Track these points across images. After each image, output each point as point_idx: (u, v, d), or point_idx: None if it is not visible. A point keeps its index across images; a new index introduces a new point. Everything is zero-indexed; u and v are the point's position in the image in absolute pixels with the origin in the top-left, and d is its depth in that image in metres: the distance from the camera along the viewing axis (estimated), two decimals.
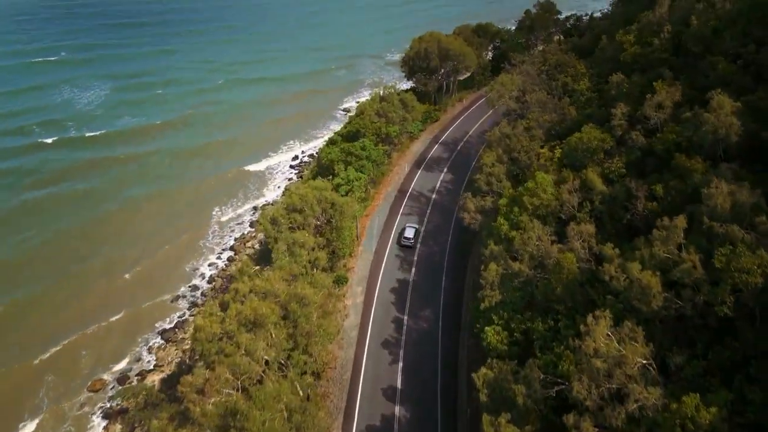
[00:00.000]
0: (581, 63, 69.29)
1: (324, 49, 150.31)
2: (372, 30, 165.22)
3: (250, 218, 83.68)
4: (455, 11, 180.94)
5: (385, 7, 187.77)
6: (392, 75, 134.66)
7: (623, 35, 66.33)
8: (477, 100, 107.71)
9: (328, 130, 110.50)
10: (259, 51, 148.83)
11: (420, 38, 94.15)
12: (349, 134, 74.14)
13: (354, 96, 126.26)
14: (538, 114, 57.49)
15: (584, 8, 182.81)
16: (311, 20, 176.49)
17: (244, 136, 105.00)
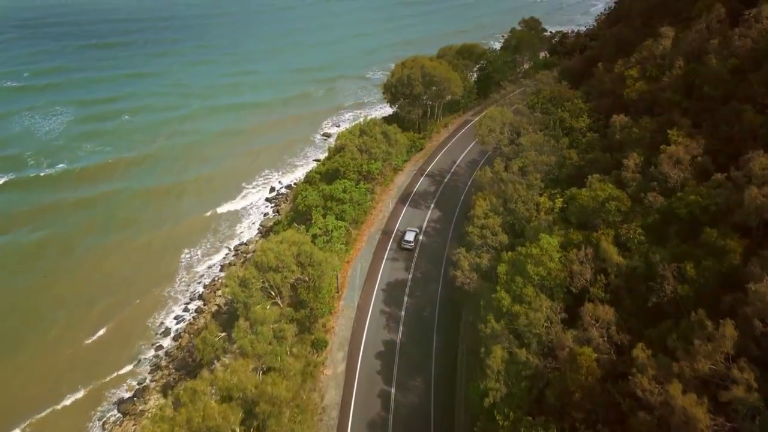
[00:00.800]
0: (577, 95, 64.10)
1: (304, 70, 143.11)
2: (353, 49, 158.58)
3: (222, 261, 76.79)
4: (437, 28, 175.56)
5: (366, 24, 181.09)
6: (374, 96, 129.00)
7: (622, 67, 61.36)
8: (463, 125, 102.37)
9: (306, 159, 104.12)
10: (236, 73, 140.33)
11: (402, 63, 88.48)
12: (328, 173, 67.86)
13: (335, 119, 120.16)
14: (535, 156, 51.86)
15: (569, 22, 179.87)
16: (290, 39, 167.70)
17: (218, 170, 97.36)
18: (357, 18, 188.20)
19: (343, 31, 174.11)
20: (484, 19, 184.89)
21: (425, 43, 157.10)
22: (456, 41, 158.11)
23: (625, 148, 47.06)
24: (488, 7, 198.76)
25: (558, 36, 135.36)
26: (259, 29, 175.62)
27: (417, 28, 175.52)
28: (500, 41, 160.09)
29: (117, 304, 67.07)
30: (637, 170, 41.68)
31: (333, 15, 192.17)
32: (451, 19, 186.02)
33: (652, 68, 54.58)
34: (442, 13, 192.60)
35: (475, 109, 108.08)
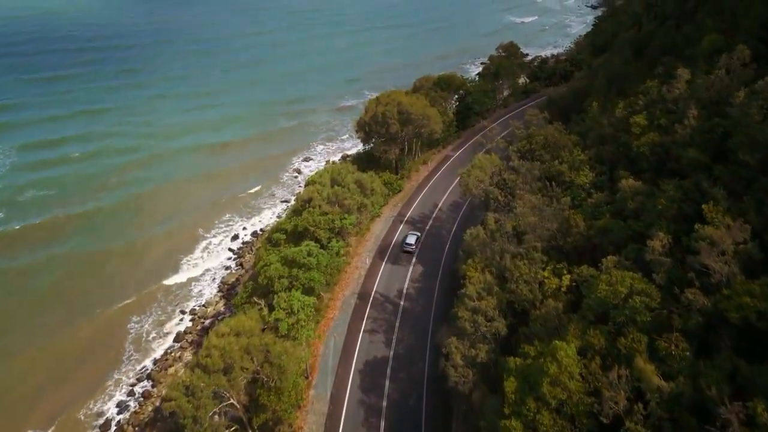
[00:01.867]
0: (574, 140, 56.87)
1: (274, 102, 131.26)
2: (328, 77, 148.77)
3: (176, 328, 67.08)
4: (417, 54, 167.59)
5: (343, 51, 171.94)
6: (348, 126, 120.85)
7: (623, 110, 54.42)
8: (444, 161, 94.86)
9: (274, 200, 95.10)
10: (202, 108, 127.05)
11: (377, 99, 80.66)
12: (295, 231, 59.10)
13: (306, 153, 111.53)
14: (534, 220, 44.09)
15: (548, 45, 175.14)
16: (261, 68, 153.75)
17: (177, 220, 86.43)
18: (333, 44, 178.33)
19: (317, 58, 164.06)
20: (465, 42, 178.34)
21: (403, 70, 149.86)
22: (436, 67, 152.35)
23: (642, 216, 39.63)
24: (468, 29, 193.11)
25: (537, 61, 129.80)
26: (230, 58, 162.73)
27: (395, 54, 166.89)
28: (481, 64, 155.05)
29: (50, 392, 56.61)
30: (665, 251, 34.17)
31: (308, 40, 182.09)
32: (431, 43, 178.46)
33: (661, 115, 47.61)
34: (421, 37, 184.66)
35: (455, 143, 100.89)
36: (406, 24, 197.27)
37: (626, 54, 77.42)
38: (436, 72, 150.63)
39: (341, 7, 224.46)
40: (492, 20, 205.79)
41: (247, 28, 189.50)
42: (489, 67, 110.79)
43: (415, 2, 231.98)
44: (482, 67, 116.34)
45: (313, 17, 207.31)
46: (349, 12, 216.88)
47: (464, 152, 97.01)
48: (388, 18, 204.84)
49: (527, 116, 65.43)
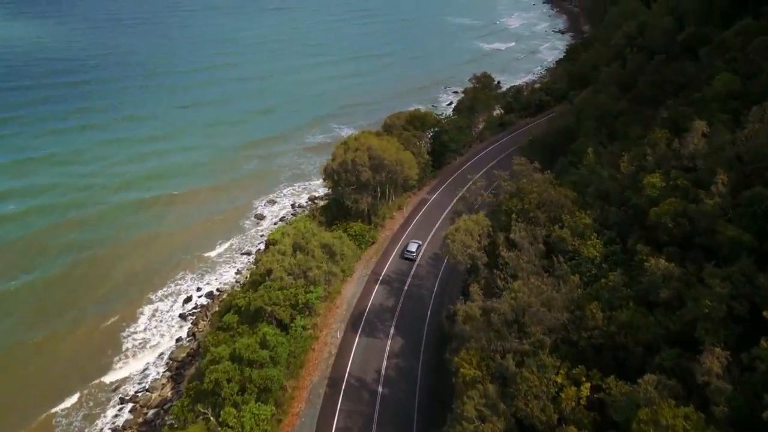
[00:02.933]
0: (572, 199, 49.24)
1: (236, 144, 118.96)
2: (293, 113, 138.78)
3: (111, 424, 56.14)
4: (391, 85, 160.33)
5: (309, 86, 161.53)
6: (314, 165, 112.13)
7: (629, 164, 47.19)
8: (420, 205, 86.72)
9: (232, 254, 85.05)
10: (159, 153, 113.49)
11: (345, 144, 72.26)
12: (248, 311, 49.53)
13: (269, 195, 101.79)
14: (540, 311, 35.84)
15: (518, 71, 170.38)
16: (223, 107, 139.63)
17: (117, 293, 74.42)
18: (302, 77, 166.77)
19: (286, 94, 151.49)
20: (439, 71, 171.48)
21: (376, 104, 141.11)
22: (410, 99, 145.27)
23: (680, 311, 31.81)
24: (442, 58, 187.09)
25: (512, 91, 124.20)
26: (192, 95, 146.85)
27: (368, 87, 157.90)
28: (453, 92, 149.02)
29: None
30: (722, 372, 26.27)
31: (277, 75, 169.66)
32: (405, 74, 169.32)
33: (677, 175, 40.34)
34: (395, 68, 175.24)
35: (431, 184, 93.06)
36: (379, 54, 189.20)
37: (613, 91, 71.19)
38: (410, 103, 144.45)
39: (312, 36, 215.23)
40: (464, 48, 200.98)
41: (211, 61, 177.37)
42: (464, 100, 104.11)
43: (387, 32, 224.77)
44: (457, 100, 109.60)
45: (281, 48, 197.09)
46: (321, 41, 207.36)
47: (441, 194, 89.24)
48: (361, 48, 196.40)
49: (515, 166, 57.88)
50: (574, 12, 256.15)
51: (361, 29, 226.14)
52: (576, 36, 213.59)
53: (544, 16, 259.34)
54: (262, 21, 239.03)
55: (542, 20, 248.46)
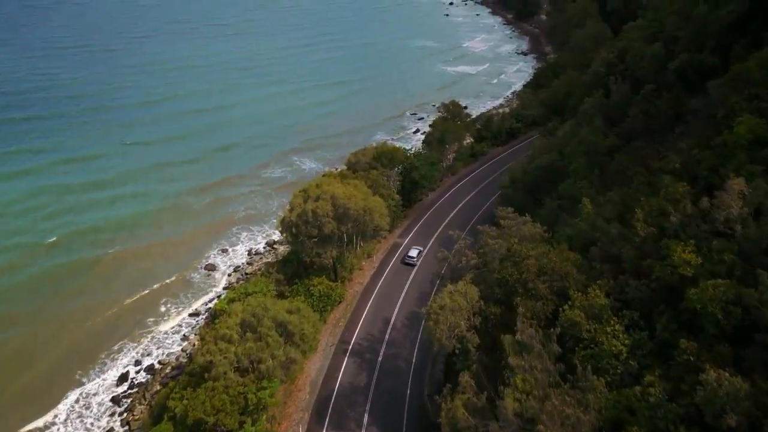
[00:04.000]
0: (577, 264, 40.88)
1: (188, 188, 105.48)
2: (253, 149, 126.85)
3: None
4: (359, 117, 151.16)
5: (271, 117, 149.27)
6: (272, 203, 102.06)
7: (644, 223, 39.16)
8: (391, 252, 77.55)
9: (180, 310, 73.68)
10: (95, 205, 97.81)
11: (304, 192, 62.57)
12: (185, 425, 38.85)
13: (223, 242, 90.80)
14: None
15: (484, 94, 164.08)
16: (175, 146, 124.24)
17: (38, 391, 61.31)
18: (264, 108, 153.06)
19: (245, 127, 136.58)
20: (408, 99, 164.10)
21: (341, 136, 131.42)
22: (377, 128, 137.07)
23: None
24: (410, 83, 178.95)
25: (483, 119, 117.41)
26: (140, 132, 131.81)
27: (332, 117, 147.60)
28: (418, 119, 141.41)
29: None
30: None
31: (236, 106, 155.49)
32: (372, 100, 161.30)
33: (723, 249, 32.31)
34: (361, 94, 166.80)
35: (402, 225, 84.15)
36: (342, 81, 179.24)
37: (598, 124, 64.15)
38: (376, 132, 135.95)
39: (273, 63, 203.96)
40: (429, 72, 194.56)
41: (163, 92, 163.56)
42: (433, 132, 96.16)
43: (351, 57, 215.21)
44: (426, 131, 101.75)
45: (240, 77, 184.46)
46: (282, 69, 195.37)
47: (414, 238, 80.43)
48: (324, 76, 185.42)
49: (501, 220, 49.51)
50: (534, 33, 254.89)
51: (324, 55, 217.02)
52: (539, 57, 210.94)
53: (506, 37, 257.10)
54: (219, 47, 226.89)
55: (504, 42, 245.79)
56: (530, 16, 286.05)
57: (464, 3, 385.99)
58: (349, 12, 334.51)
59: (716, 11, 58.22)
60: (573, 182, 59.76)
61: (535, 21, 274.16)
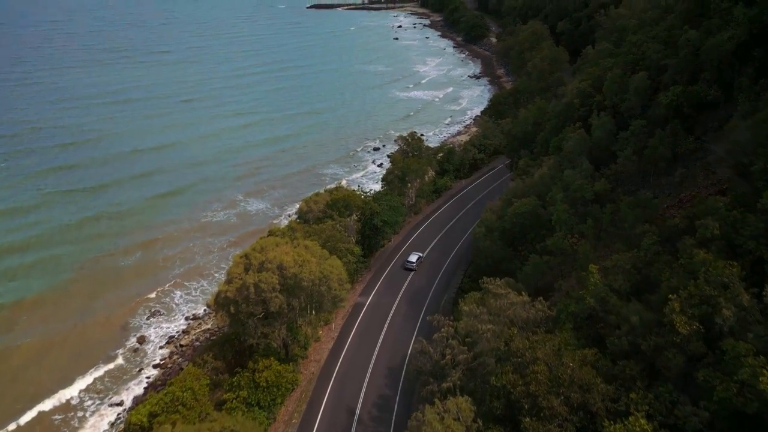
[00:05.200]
0: (607, 379, 31.28)
1: (118, 247, 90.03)
2: (195, 189, 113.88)
3: None
4: (294, 142, 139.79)
5: (218, 157, 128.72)
6: (212, 256, 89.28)
7: (684, 315, 30.16)
8: (353, 315, 66.41)
9: (96, 402, 59.85)
10: (8, 272, 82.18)
11: (245, 258, 50.93)
12: None
13: (154, 307, 77.32)
14: None
15: (441, 121, 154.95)
16: (99, 198, 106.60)
17: None
18: (211, 146, 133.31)
19: (189, 171, 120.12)
20: (363, 128, 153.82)
21: (292, 177, 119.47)
22: (332, 162, 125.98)
23: None
24: (365, 111, 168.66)
25: (444, 150, 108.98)
26: (63, 179, 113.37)
27: (287, 151, 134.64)
28: (374, 149, 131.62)
29: None
30: None
31: (180, 144, 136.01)
32: (326, 130, 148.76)
33: None
34: (316, 126, 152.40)
35: (364, 279, 73.44)
36: (295, 113, 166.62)
37: (588, 168, 55.91)
38: (330, 166, 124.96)
39: (221, 94, 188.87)
40: (384, 99, 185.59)
41: (92, 130, 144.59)
42: (393, 169, 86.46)
43: (303, 86, 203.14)
44: (386, 168, 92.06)
45: (185, 110, 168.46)
46: (230, 99, 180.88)
47: (379, 294, 69.76)
48: (275, 108, 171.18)
49: (492, 294, 39.64)
50: (486, 56, 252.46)
51: (275, 84, 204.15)
52: (493, 80, 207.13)
53: (458, 61, 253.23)
54: (161, 76, 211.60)
55: (457, 65, 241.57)
56: (480, 39, 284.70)
57: (413, 26, 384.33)
58: (299, 38, 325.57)
59: (710, 38, 51.42)
60: (563, 236, 50.91)
61: (485, 43, 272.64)
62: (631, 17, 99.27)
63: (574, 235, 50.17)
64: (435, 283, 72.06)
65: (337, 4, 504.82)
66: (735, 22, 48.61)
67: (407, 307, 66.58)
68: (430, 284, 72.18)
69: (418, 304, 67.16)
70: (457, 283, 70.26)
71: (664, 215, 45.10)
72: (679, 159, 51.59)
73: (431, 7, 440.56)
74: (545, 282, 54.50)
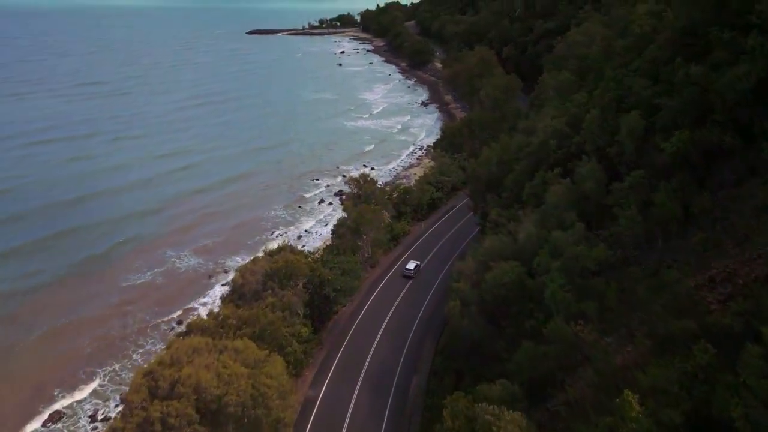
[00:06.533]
0: None
1: None
2: (109, 256, 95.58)
3: None
4: (235, 186, 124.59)
5: (140, 210, 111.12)
6: (129, 326, 73.86)
7: None
8: (305, 413, 52.94)
9: None
10: None
11: (149, 377, 36.87)
12: None
13: (54, 404, 61.09)
14: None
15: (392, 153, 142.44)
16: None
17: None
18: (137, 199, 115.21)
19: (115, 230, 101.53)
20: (309, 162, 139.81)
21: (227, 233, 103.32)
22: (279, 205, 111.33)
23: None
24: (310, 143, 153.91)
25: (399, 190, 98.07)
26: None
27: (221, 200, 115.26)
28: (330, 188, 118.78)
29: None
30: None
31: (106, 195, 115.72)
32: (269, 169, 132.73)
33: None
34: (266, 165, 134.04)
35: (315, 361, 60.13)
36: (244, 151, 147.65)
37: (581, 230, 45.79)
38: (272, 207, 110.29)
39: (156, 131, 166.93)
40: (330, 129, 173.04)
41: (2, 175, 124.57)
42: (345, 220, 74.24)
43: (246, 119, 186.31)
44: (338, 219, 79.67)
45: (112, 151, 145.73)
46: (169, 137, 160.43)
47: (333, 383, 56.64)
48: (214, 147, 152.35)
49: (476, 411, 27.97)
50: (432, 81, 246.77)
51: (219, 117, 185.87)
52: (441, 107, 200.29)
53: (404, 87, 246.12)
54: (91, 111, 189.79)
55: (403, 92, 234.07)
56: (425, 64, 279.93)
57: (356, 51, 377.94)
58: (241, 65, 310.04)
59: (717, 73, 42.79)
60: (565, 322, 40.11)
61: (431, 69, 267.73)
62: (590, 44, 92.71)
63: (578, 321, 39.46)
64: (401, 359, 59.95)
65: (277, 29, 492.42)
66: (750, 55, 40.07)
67: (370, 398, 53.91)
68: (395, 360, 60.02)
69: (382, 393, 54.68)
70: (429, 363, 58.33)
71: (696, 298, 35.04)
72: (692, 218, 42.19)
73: (373, 32, 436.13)
74: (542, 372, 43.41)
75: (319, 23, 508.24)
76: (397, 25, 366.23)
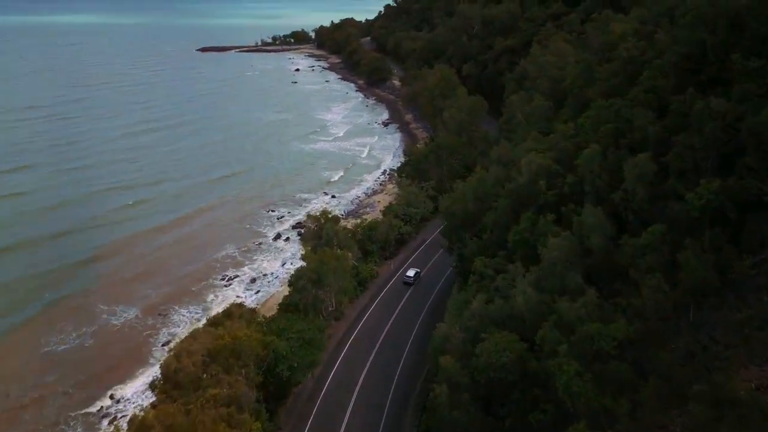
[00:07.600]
0: None
1: None
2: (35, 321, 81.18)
3: None
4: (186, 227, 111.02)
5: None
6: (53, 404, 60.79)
7: None
8: None
9: None
10: None
11: None
12: None
13: None
14: None
15: (354, 179, 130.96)
16: None
17: None
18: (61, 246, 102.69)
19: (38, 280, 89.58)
20: (264, 194, 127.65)
21: (172, 284, 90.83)
22: (231, 244, 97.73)
23: None
24: (266, 171, 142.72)
25: (363, 227, 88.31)
26: None
27: (168, 246, 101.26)
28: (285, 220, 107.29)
29: None
30: None
31: (35, 244, 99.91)
32: (228, 203, 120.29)
33: None
34: (222, 206, 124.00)
35: None
36: (194, 185, 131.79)
37: (592, 300, 37.25)
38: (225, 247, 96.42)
39: (106, 160, 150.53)
40: (287, 153, 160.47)
41: None
42: (304, 271, 63.56)
43: (199, 146, 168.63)
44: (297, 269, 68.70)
45: (64, 182, 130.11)
46: (115, 169, 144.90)
47: None
48: (178, 175, 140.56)
49: None
50: (391, 100, 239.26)
51: (173, 143, 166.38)
52: (402, 127, 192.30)
53: (362, 106, 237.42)
54: (22, 140, 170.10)
55: (362, 111, 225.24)
56: (383, 82, 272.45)
57: (311, 69, 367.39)
58: (195, 85, 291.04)
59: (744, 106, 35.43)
60: (586, 428, 31.17)
61: (389, 86, 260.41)
62: (562, 66, 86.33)
63: (605, 429, 30.63)
64: None
65: (230, 46, 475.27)
66: None
67: None
68: None
69: None
70: None
71: (760, 406, 26.68)
72: (729, 285, 34.33)
73: (328, 49, 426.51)
74: None
75: (273, 40, 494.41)
76: (353, 42, 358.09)
